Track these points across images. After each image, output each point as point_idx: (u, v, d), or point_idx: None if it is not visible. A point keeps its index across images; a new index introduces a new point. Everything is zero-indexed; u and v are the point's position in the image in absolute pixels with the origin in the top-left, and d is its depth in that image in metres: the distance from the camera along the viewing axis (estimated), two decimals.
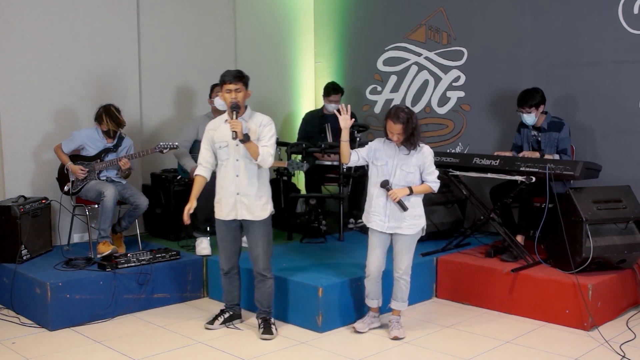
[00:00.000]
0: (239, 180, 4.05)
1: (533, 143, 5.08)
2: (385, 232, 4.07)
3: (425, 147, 4.05)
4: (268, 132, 4.06)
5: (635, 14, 5.11)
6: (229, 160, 4.06)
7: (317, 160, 6.11)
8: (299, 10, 7.36)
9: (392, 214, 4.03)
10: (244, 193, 4.05)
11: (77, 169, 4.98)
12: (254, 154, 3.95)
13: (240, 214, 4.08)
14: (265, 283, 4.17)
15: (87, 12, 5.59)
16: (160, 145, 5.01)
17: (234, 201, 4.06)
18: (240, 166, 4.04)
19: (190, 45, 6.33)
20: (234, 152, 4.04)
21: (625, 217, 4.52)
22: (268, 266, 4.15)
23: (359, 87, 6.98)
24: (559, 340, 4.11)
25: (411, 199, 4.02)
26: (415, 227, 4.06)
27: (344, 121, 4.06)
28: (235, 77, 4.02)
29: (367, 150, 4.13)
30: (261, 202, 4.09)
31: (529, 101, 4.91)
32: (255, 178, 4.06)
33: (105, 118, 5.00)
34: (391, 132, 3.98)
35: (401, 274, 4.11)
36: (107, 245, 4.83)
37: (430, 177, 4.05)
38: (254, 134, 4.01)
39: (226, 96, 4.02)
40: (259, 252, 4.12)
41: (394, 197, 3.96)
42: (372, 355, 3.89)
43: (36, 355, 3.86)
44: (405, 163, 4.00)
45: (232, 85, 4.00)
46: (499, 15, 5.89)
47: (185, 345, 4.04)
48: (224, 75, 4.06)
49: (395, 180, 4.01)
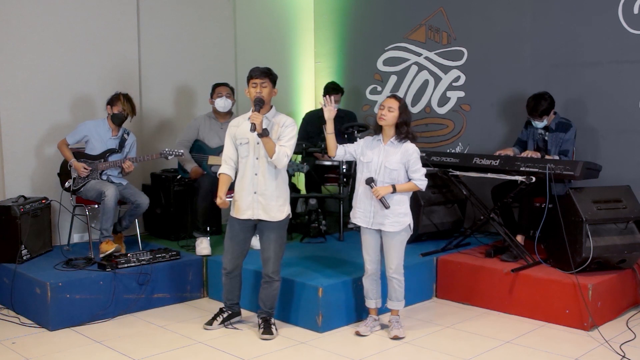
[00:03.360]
0: (257, 179, 4.04)
1: (539, 141, 5.07)
2: (372, 229, 4.08)
3: (410, 144, 4.05)
4: (289, 133, 4.06)
5: (635, 14, 5.11)
6: (248, 158, 4.05)
7: (317, 161, 6.12)
8: (299, 10, 7.36)
9: (376, 211, 4.04)
10: (262, 192, 4.04)
11: (80, 166, 4.98)
12: (270, 150, 3.94)
13: (256, 213, 4.06)
14: (272, 285, 4.16)
15: (87, 12, 5.59)
16: (165, 151, 5.01)
17: (251, 200, 4.05)
18: (259, 165, 4.03)
19: (190, 45, 6.33)
20: (254, 150, 4.03)
21: (625, 217, 4.52)
22: (277, 269, 4.14)
23: (359, 87, 6.98)
24: (559, 340, 4.12)
25: (394, 196, 4.01)
26: (399, 224, 4.04)
27: (328, 112, 4.07)
28: (263, 73, 4.03)
29: (355, 146, 4.14)
30: (278, 203, 4.08)
31: (539, 109, 4.88)
32: (273, 178, 4.05)
33: (122, 99, 5.04)
34: (383, 106, 4.02)
35: (392, 273, 4.10)
36: (110, 244, 4.83)
37: (416, 174, 4.03)
38: (275, 133, 4.02)
39: (251, 90, 4.03)
40: (270, 255, 4.10)
41: (376, 195, 3.97)
42: (372, 355, 3.89)
43: (36, 355, 3.86)
44: (389, 160, 4.01)
45: (259, 80, 4.01)
46: (499, 15, 5.89)
47: (185, 345, 4.04)
48: (252, 70, 4.07)
49: (380, 178, 4.01)
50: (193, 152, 5.37)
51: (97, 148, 5.07)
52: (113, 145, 5.10)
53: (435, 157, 5.14)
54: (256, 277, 4.47)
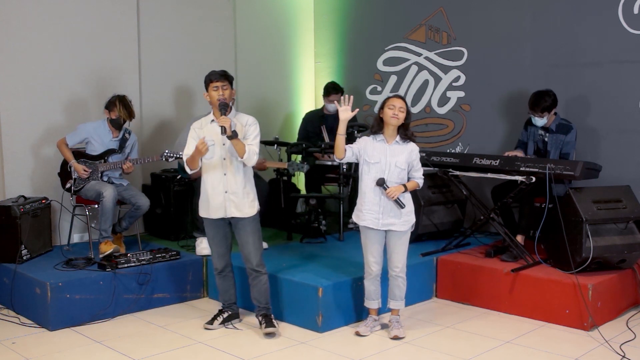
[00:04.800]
0: (226, 179, 4.10)
1: (539, 142, 5.07)
2: (379, 229, 4.08)
3: (413, 144, 4.09)
4: (253, 132, 4.12)
5: (635, 14, 5.11)
6: (215, 159, 4.10)
7: (317, 160, 6.12)
8: (299, 10, 7.36)
9: (385, 211, 4.03)
10: (233, 191, 4.09)
11: (80, 168, 4.98)
12: (240, 151, 3.99)
13: (229, 212, 4.12)
14: (260, 279, 4.18)
15: (87, 12, 5.59)
16: (166, 153, 5.00)
17: (223, 199, 4.11)
18: (227, 165, 4.09)
19: (190, 45, 6.33)
20: (220, 151, 4.08)
21: (625, 217, 4.52)
22: (261, 261, 4.19)
23: (359, 87, 6.98)
24: (559, 340, 4.11)
25: (405, 195, 4.05)
26: (408, 223, 4.09)
27: (344, 112, 3.99)
28: (222, 76, 4.09)
29: (358, 146, 4.14)
30: (249, 199, 4.14)
31: (541, 105, 4.87)
32: (242, 176, 4.12)
33: (118, 105, 5.02)
34: (393, 106, 3.99)
35: (398, 272, 4.11)
36: (109, 245, 4.84)
37: (418, 173, 4.10)
38: (240, 132, 4.06)
39: (213, 94, 4.08)
40: (250, 249, 4.16)
41: (391, 195, 3.97)
42: (372, 355, 3.89)
43: (36, 355, 3.86)
44: (397, 160, 4.02)
45: (219, 83, 4.06)
46: (499, 15, 5.89)
47: (185, 345, 4.04)
48: (210, 74, 4.12)
49: (389, 178, 4.02)
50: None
51: (98, 149, 5.07)
52: (114, 146, 5.10)
53: (435, 157, 5.14)
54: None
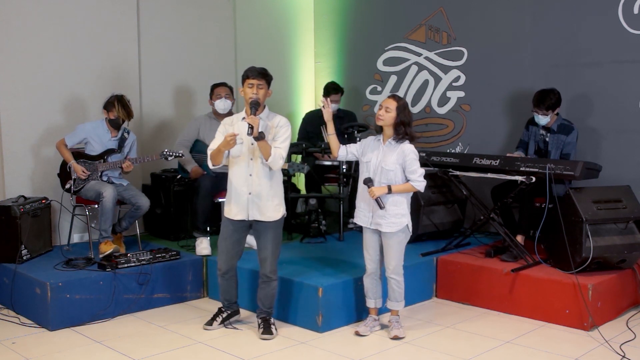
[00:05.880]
0: (252, 180, 4.01)
1: (540, 142, 5.07)
2: (371, 228, 4.09)
3: (407, 145, 4.02)
4: (284, 134, 4.01)
5: (635, 14, 5.11)
6: (241, 158, 4.02)
7: (317, 161, 6.12)
8: (299, 10, 7.36)
9: (374, 211, 4.05)
10: (257, 193, 4.01)
11: (79, 169, 4.97)
12: (265, 153, 3.90)
13: (251, 214, 4.04)
14: (269, 285, 4.15)
15: (87, 12, 5.59)
16: (165, 152, 5.00)
17: (246, 201, 4.02)
18: (254, 166, 4.00)
19: (190, 45, 6.33)
20: (248, 150, 4.00)
21: (625, 217, 4.52)
22: (275, 269, 4.13)
23: (359, 87, 6.98)
24: (559, 340, 4.11)
25: (390, 197, 3.99)
26: (396, 225, 4.01)
27: (326, 114, 4.11)
28: (260, 74, 3.97)
29: (357, 146, 4.15)
30: (273, 203, 4.06)
31: (546, 102, 4.85)
32: (268, 178, 4.02)
33: (117, 105, 5.00)
34: (381, 106, 4.03)
35: (390, 273, 4.10)
36: (109, 245, 4.84)
37: (413, 175, 4.00)
38: (270, 133, 3.98)
39: (247, 91, 3.95)
40: (267, 255, 4.09)
41: (371, 195, 3.97)
42: (372, 355, 3.89)
43: (36, 355, 3.86)
44: (385, 161, 4.01)
45: (255, 81, 3.95)
46: (499, 15, 5.89)
47: (185, 345, 4.04)
48: (248, 70, 4.00)
49: (377, 178, 4.02)
50: (193, 152, 5.37)
51: (97, 149, 5.07)
52: (112, 146, 5.10)
53: (435, 157, 5.14)
54: (253, 276, 4.47)
